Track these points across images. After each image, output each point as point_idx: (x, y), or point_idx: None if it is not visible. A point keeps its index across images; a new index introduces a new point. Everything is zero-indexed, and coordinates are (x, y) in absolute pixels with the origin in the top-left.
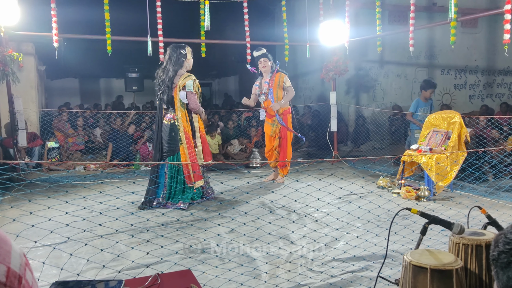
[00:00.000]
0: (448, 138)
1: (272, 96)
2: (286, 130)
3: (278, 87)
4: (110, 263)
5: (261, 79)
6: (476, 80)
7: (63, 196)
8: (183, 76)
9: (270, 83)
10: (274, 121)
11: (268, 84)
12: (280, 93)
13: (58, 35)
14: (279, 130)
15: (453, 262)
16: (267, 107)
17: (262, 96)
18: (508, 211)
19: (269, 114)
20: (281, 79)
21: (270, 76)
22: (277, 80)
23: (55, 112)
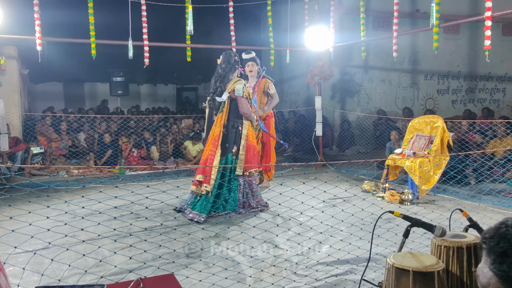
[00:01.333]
0: (431, 142)
1: (255, 102)
2: (268, 136)
3: (262, 93)
4: (93, 268)
5: (246, 83)
6: (459, 85)
7: (45, 201)
8: (233, 80)
9: (255, 88)
10: (256, 126)
11: (253, 89)
12: (263, 99)
13: (41, 38)
14: (261, 135)
15: (435, 264)
16: None
17: None
18: (489, 214)
19: None
20: (266, 85)
21: (255, 81)
22: (262, 86)
23: (38, 116)
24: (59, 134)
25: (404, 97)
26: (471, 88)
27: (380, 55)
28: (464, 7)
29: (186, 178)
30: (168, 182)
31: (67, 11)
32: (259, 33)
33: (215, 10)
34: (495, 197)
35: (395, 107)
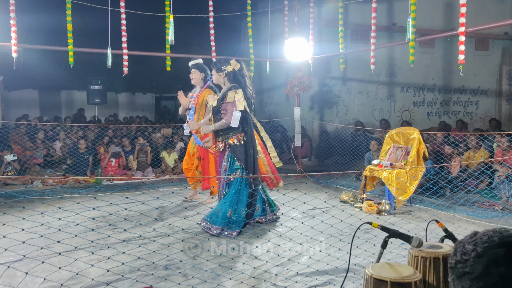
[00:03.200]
0: (407, 154)
1: (192, 115)
2: (205, 151)
3: (201, 106)
4: (69, 281)
5: (194, 91)
6: (434, 97)
7: (19, 212)
8: None
9: (196, 99)
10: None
11: (194, 99)
12: (202, 112)
13: (17, 45)
14: (197, 150)
15: (412, 275)
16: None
17: (187, 111)
18: (464, 225)
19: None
20: (205, 98)
21: (198, 91)
22: (202, 97)
23: (13, 124)
24: (34, 142)
25: (381, 109)
26: (446, 101)
27: (358, 67)
28: (439, 22)
29: (163, 189)
30: (147, 192)
31: (45, 17)
32: (239, 43)
33: (195, 20)
34: (470, 208)
35: (373, 119)
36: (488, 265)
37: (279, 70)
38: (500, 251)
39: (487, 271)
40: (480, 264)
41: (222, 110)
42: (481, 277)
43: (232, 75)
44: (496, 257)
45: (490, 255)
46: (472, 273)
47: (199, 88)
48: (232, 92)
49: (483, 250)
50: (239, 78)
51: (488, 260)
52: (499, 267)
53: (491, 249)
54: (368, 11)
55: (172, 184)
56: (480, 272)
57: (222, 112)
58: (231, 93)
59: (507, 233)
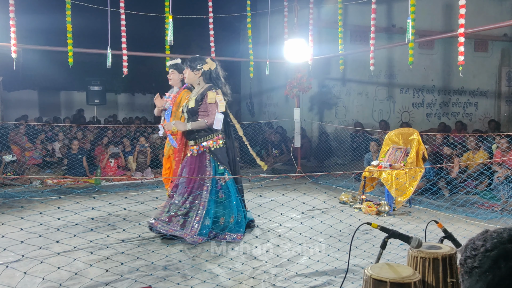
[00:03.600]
0: (407, 155)
1: (168, 115)
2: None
3: (178, 106)
4: (67, 281)
5: (171, 92)
6: (433, 99)
7: (18, 212)
8: None
9: (173, 99)
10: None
11: (171, 100)
12: (178, 114)
13: (17, 45)
14: (172, 152)
15: (411, 276)
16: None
17: (164, 112)
18: (463, 225)
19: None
20: (183, 98)
21: (176, 91)
22: (180, 98)
23: (12, 125)
24: (33, 143)
25: (380, 110)
26: (445, 102)
27: (357, 68)
28: (439, 24)
29: (163, 189)
30: (146, 192)
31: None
32: (239, 44)
33: (195, 21)
34: (469, 209)
35: (372, 120)
36: (497, 259)
37: (278, 71)
38: (509, 246)
39: (496, 265)
40: (489, 258)
41: (201, 112)
42: (489, 271)
43: (209, 74)
44: (505, 252)
45: (499, 250)
46: (481, 267)
47: (176, 89)
48: (212, 92)
49: (493, 245)
50: (216, 77)
51: (497, 255)
52: (508, 261)
53: (501, 244)
54: (367, 12)
55: None
56: (489, 266)
57: (201, 114)
58: (211, 94)
59: None
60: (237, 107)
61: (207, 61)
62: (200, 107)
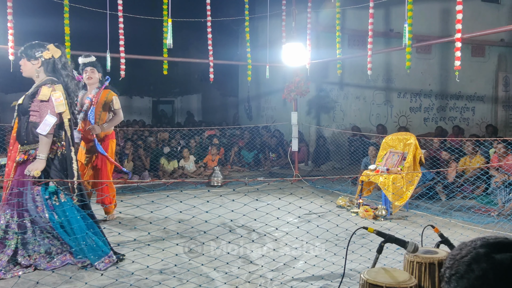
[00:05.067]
0: (404, 159)
1: (93, 117)
2: (105, 159)
3: (102, 108)
4: (62, 285)
5: (84, 93)
6: (430, 103)
7: None
8: None
9: (93, 100)
10: (91, 147)
11: (91, 100)
12: (104, 115)
13: (14, 48)
14: (95, 158)
15: (407, 280)
16: (83, 128)
17: (81, 114)
18: (460, 230)
19: (86, 138)
20: (109, 99)
21: (95, 92)
22: (103, 98)
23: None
24: None
25: (378, 114)
26: (442, 107)
27: (355, 72)
28: (436, 28)
29: (158, 193)
30: (142, 196)
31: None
32: (237, 48)
33: (193, 24)
34: (466, 213)
35: (369, 124)
36: (470, 263)
37: (276, 75)
38: (481, 251)
39: (470, 269)
40: (464, 263)
41: (32, 111)
42: (464, 275)
43: (52, 64)
44: (477, 256)
45: (472, 255)
46: (457, 273)
47: (95, 89)
48: (47, 87)
49: (467, 252)
50: (60, 69)
51: (470, 259)
52: (480, 264)
53: (474, 250)
54: (365, 16)
55: (167, 188)
56: (464, 271)
57: (32, 114)
58: (45, 89)
59: (490, 237)
60: (235, 111)
61: (48, 47)
62: (31, 105)
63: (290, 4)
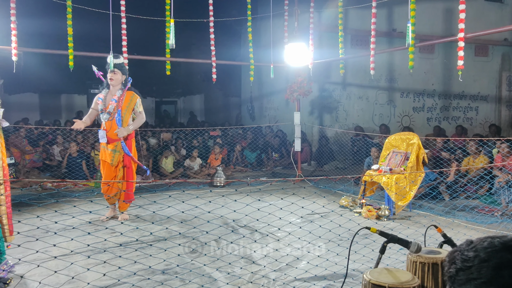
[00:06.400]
0: (407, 159)
1: (119, 120)
2: (130, 158)
3: (127, 109)
4: (65, 285)
5: (107, 93)
6: (434, 103)
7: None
8: None
9: (119, 102)
10: (116, 147)
11: (116, 102)
12: (127, 117)
13: (17, 49)
14: (122, 158)
15: (410, 281)
16: (109, 129)
17: (106, 115)
18: (463, 230)
19: (110, 139)
20: (133, 101)
21: (119, 94)
22: (128, 100)
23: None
24: (35, 146)
25: (381, 114)
26: (446, 106)
27: (357, 72)
28: (439, 28)
29: (161, 193)
30: (144, 196)
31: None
32: (240, 48)
33: (195, 25)
34: (469, 213)
35: (372, 124)
36: (497, 268)
37: (279, 75)
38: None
39: (499, 274)
40: (488, 268)
41: None
42: (492, 281)
43: None
44: (504, 260)
45: (497, 259)
46: (480, 278)
47: (118, 91)
48: None
49: (488, 255)
50: None
51: (496, 264)
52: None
53: (496, 253)
54: (368, 16)
55: (169, 188)
56: (491, 276)
57: None
58: None
59: (505, 238)
60: (238, 111)
61: None
62: None
63: (292, 4)
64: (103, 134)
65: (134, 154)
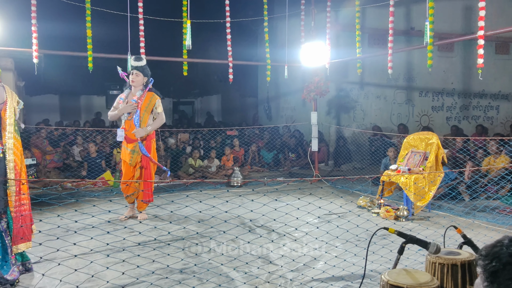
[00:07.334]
0: (426, 159)
1: (138, 120)
2: (148, 159)
3: (146, 110)
4: (85, 283)
5: (128, 93)
6: (453, 102)
7: (37, 214)
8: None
9: (139, 103)
10: (135, 148)
11: (136, 103)
12: (146, 117)
13: (38, 51)
14: (140, 159)
15: (429, 282)
16: (128, 129)
17: (126, 114)
18: (483, 231)
19: (129, 139)
20: (152, 102)
21: (140, 94)
22: (147, 101)
23: (33, 128)
24: (56, 146)
25: (399, 114)
26: (465, 105)
27: (375, 71)
28: (458, 26)
29: (179, 193)
30: (162, 196)
31: (65, 24)
32: (256, 48)
33: (212, 25)
34: (489, 214)
35: (390, 123)
36: None
37: (295, 75)
38: None
39: None
40: None
41: None
42: None
43: None
44: None
45: None
46: None
47: (139, 91)
48: None
49: None
50: None
51: None
52: None
53: None
54: (385, 15)
55: (187, 188)
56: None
57: None
58: None
59: None
60: (255, 111)
61: None
62: None
63: (309, 3)
64: (122, 133)
65: (153, 155)
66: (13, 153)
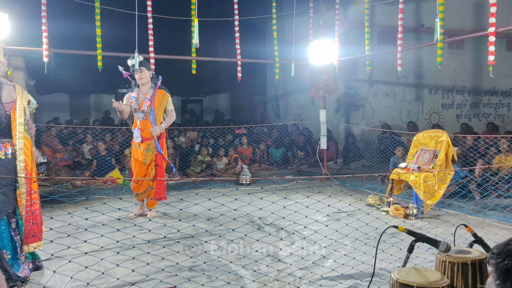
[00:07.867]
0: (435, 157)
1: (153, 118)
2: (162, 157)
3: (159, 108)
4: (95, 280)
5: (138, 92)
6: (463, 100)
7: (48, 212)
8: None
9: (152, 101)
10: (149, 146)
11: (150, 101)
12: (160, 115)
13: (48, 50)
14: (155, 157)
15: (439, 280)
16: (144, 128)
17: (141, 114)
18: (494, 230)
19: (144, 137)
20: (165, 100)
21: (151, 92)
22: (160, 99)
23: (44, 127)
24: (65, 145)
25: (408, 111)
26: (476, 103)
27: (384, 69)
28: (468, 23)
29: (188, 191)
30: (171, 194)
31: (74, 23)
32: (264, 46)
33: (220, 24)
34: (500, 213)
35: (400, 121)
36: None
37: (304, 73)
38: None
39: None
40: None
41: None
42: None
43: None
44: None
45: None
46: None
47: (150, 89)
48: None
49: None
50: None
51: None
52: None
53: None
54: (394, 12)
55: (196, 186)
56: None
57: None
58: None
59: None
60: (263, 109)
61: None
62: None
63: (317, 1)
64: (138, 133)
65: (164, 153)
66: (23, 153)
